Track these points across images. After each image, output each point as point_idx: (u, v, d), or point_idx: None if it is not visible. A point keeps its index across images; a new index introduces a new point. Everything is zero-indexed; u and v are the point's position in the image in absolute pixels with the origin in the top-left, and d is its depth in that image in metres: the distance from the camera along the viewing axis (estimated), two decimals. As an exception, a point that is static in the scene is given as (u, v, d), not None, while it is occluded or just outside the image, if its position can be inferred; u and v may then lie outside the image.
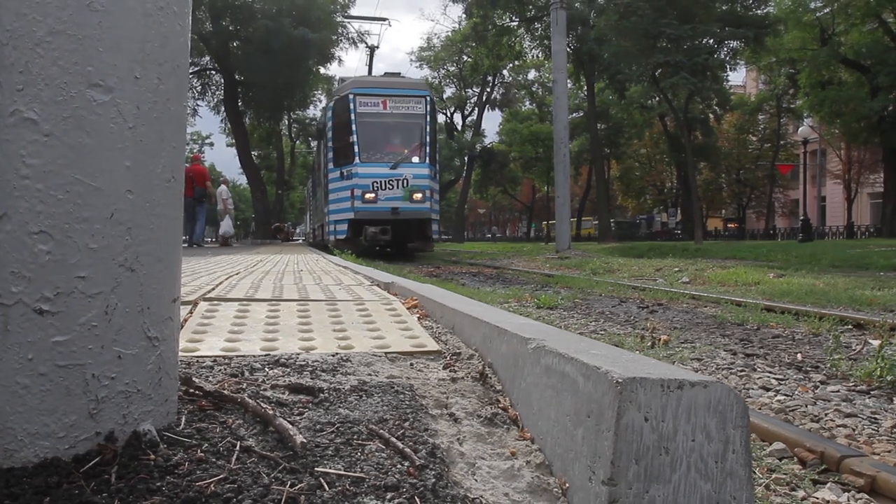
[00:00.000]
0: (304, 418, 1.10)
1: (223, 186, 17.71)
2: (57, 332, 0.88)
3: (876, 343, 4.56)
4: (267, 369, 1.36)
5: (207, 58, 29.88)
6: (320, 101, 37.10)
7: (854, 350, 4.44)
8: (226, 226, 17.33)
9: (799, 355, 4.23)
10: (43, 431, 0.89)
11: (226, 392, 1.12)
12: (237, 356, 1.46)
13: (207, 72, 31.52)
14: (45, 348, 0.88)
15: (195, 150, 50.39)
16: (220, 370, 1.33)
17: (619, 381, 0.95)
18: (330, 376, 1.33)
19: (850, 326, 5.45)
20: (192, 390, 1.15)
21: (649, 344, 4.47)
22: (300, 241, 36.15)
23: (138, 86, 0.93)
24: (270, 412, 1.05)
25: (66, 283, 0.88)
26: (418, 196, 14.14)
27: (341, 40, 28.18)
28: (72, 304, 0.89)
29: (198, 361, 1.39)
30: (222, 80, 30.14)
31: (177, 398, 1.07)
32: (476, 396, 1.33)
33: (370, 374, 1.37)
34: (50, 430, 0.89)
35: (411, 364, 1.50)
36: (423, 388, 1.33)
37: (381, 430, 1.07)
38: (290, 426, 1.02)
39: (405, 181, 14.06)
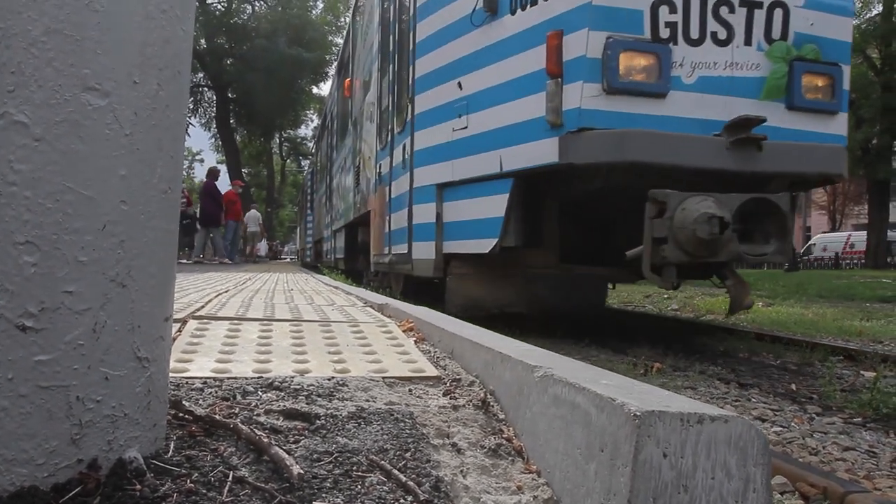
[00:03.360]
0: (300, 447, 1.04)
1: (254, 211, 20.44)
2: (40, 350, 0.82)
3: (869, 375, 4.54)
4: (260, 393, 1.30)
5: (201, 74, 29.93)
6: (312, 121, 37.20)
7: (847, 381, 4.41)
8: (263, 247, 18.73)
9: (793, 385, 4.20)
10: (20, 458, 0.82)
11: (217, 417, 1.06)
12: (229, 378, 1.40)
13: (200, 88, 31.55)
14: (27, 368, 0.81)
15: (196, 164, 50.26)
16: (210, 393, 1.27)
17: (637, 414, 0.90)
18: (326, 402, 1.27)
19: (841, 357, 5.44)
20: (181, 414, 1.08)
21: (641, 371, 4.43)
22: (288, 259, 35.97)
23: (137, 91, 0.88)
24: (265, 440, 0.99)
25: (52, 297, 0.82)
26: None
27: (334, 59, 28.32)
28: (57, 321, 0.83)
29: (187, 383, 1.33)
30: (215, 97, 30.17)
31: (166, 423, 1.00)
32: (478, 425, 1.27)
33: (368, 400, 1.31)
34: (28, 456, 0.82)
35: (410, 390, 1.44)
36: (424, 415, 1.27)
37: (382, 461, 1.01)
38: (287, 455, 0.95)
39: None
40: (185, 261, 14.13)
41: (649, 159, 4.23)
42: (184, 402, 1.09)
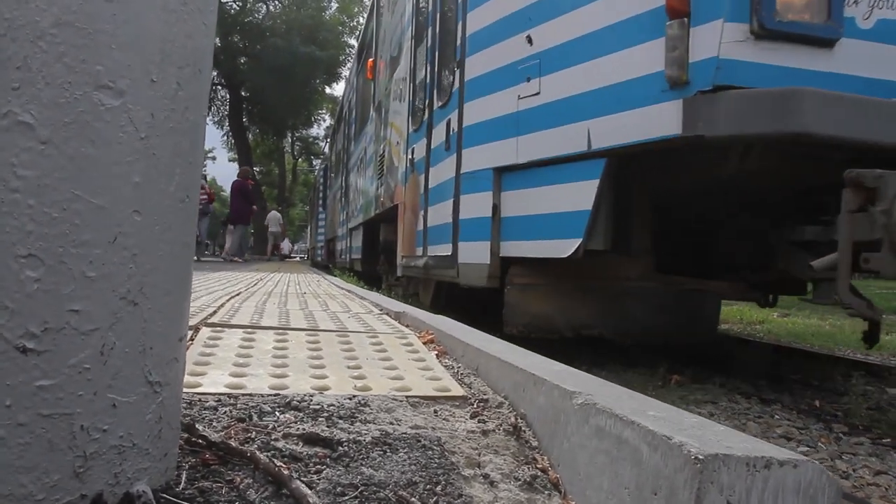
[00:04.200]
0: (322, 478, 0.96)
1: (275, 212, 21.23)
2: (42, 374, 0.74)
3: (893, 392, 4.42)
4: (277, 413, 1.22)
5: (215, 72, 30.00)
6: (325, 121, 37.26)
7: (872, 399, 4.29)
8: (286, 246, 19.08)
9: (817, 402, 4.09)
10: (18, 493, 0.74)
11: (233, 444, 0.98)
12: (244, 394, 1.32)
13: (214, 86, 31.64)
14: (28, 394, 0.74)
15: (209, 162, 50.55)
16: (225, 412, 1.19)
17: (700, 457, 0.81)
18: (348, 424, 1.19)
19: (862, 372, 5.31)
20: (194, 439, 1.00)
21: (659, 383, 4.32)
22: (297, 259, 36.02)
23: (154, 90, 0.80)
24: (286, 472, 0.91)
25: (56, 317, 0.75)
26: None
27: (349, 60, 28.29)
28: (62, 343, 0.75)
29: (200, 401, 1.25)
30: (228, 95, 30.24)
31: (177, 451, 0.92)
32: (511, 454, 1.18)
33: (392, 423, 1.22)
34: (27, 491, 0.75)
35: (435, 411, 1.35)
36: (452, 441, 1.18)
37: (412, 498, 0.92)
38: (309, 491, 0.87)
39: None
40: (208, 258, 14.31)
41: (838, 132, 2.93)
42: (197, 426, 1.01)
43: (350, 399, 1.33)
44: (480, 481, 1.07)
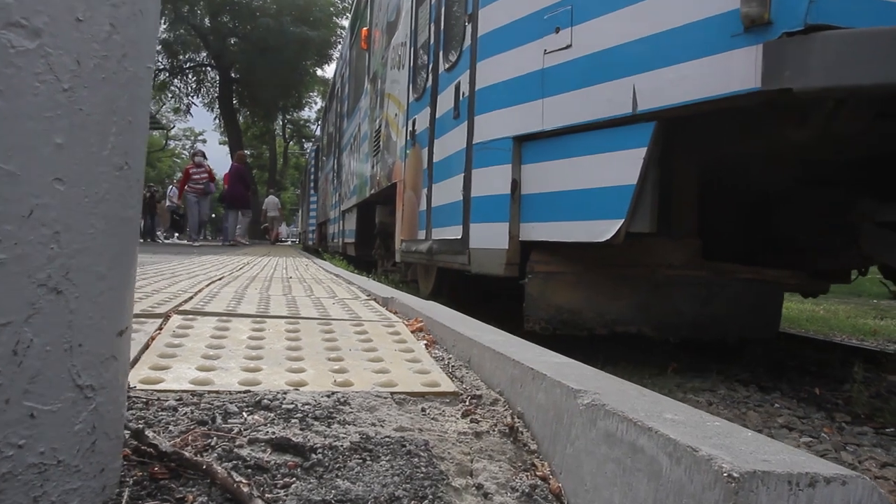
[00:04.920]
0: (290, 493, 0.83)
1: (273, 197, 21.62)
2: (-61, 378, 0.60)
3: (893, 378, 4.34)
4: (245, 414, 1.08)
5: (204, 53, 29.57)
6: (316, 103, 36.88)
7: (872, 387, 4.21)
8: (285, 230, 19.27)
9: (816, 389, 3.99)
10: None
11: (187, 455, 0.84)
12: (210, 392, 1.18)
13: (204, 68, 31.19)
14: (-79, 402, 0.60)
15: (193, 147, 50.18)
16: (185, 413, 1.05)
17: (735, 475, 0.68)
18: (324, 426, 1.06)
19: (860, 358, 5.24)
20: (144, 448, 0.87)
21: (656, 371, 4.22)
22: (289, 242, 35.79)
23: (80, 32, 0.66)
24: (245, 489, 0.78)
25: (-45, 308, 0.61)
26: None
27: (340, 41, 27.95)
28: (-36, 340, 0.61)
29: (159, 400, 1.11)
30: (218, 77, 29.82)
31: (120, 464, 0.79)
32: (507, 459, 1.06)
33: (374, 425, 1.09)
34: (-77, 520, 0.61)
35: (423, 409, 1.22)
36: (441, 445, 1.05)
37: (395, 518, 0.79)
38: (272, 511, 0.74)
39: None
40: (194, 242, 14.31)
41: None
42: (147, 433, 0.88)
43: (328, 396, 1.19)
44: (473, 493, 0.94)
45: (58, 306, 0.67)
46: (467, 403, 1.28)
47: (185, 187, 14.61)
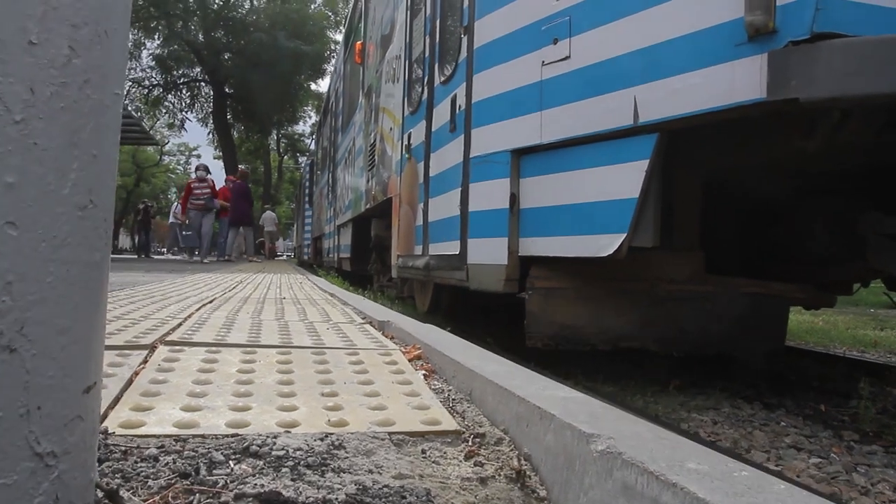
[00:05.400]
0: (279, 562, 0.75)
1: (270, 212, 22.15)
2: None
3: (899, 394, 4.27)
4: (232, 463, 1.00)
5: (198, 69, 29.56)
6: (310, 118, 36.91)
7: (879, 403, 4.14)
8: (282, 245, 19.65)
9: (822, 406, 3.92)
10: None
11: (164, 521, 0.76)
12: (194, 436, 1.10)
13: (198, 83, 31.18)
14: None
15: (193, 160, 50.16)
16: (167, 464, 0.97)
17: (779, 548, 0.60)
18: (317, 476, 0.98)
19: (862, 372, 5.17)
20: (116, 510, 0.78)
21: (658, 388, 4.14)
22: (284, 257, 35.68)
23: (34, 56, 0.58)
24: (228, 562, 0.69)
25: None
26: None
27: (334, 56, 28.02)
28: None
29: (139, 448, 1.03)
30: (212, 92, 29.82)
31: (86, 536, 0.71)
32: (515, 509, 0.98)
33: (372, 472, 1.01)
34: None
35: (423, 451, 1.14)
36: (444, 494, 0.97)
37: (395, 592, 0.71)
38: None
39: None
40: (196, 258, 14.15)
41: None
42: (122, 493, 0.80)
43: (322, 439, 1.11)
44: (480, 551, 0.86)
45: (11, 367, 0.59)
46: (470, 443, 1.20)
47: (188, 202, 14.35)
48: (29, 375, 0.60)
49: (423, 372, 1.65)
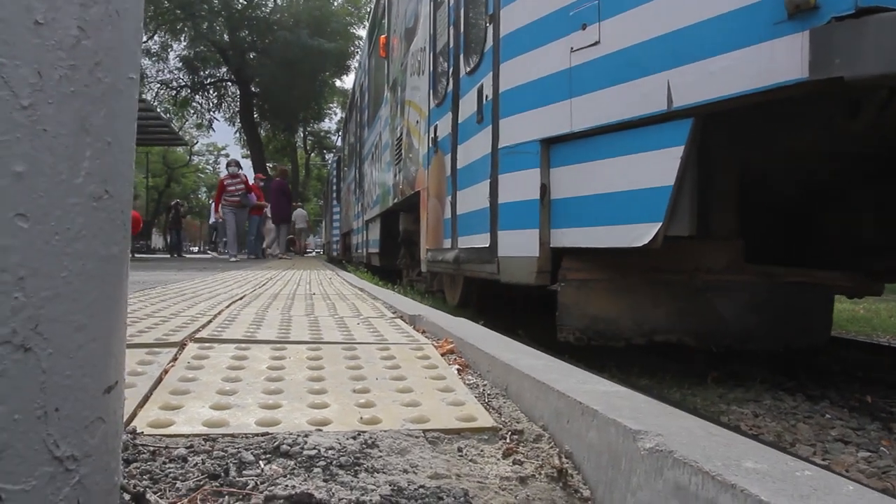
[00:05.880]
0: (312, 569, 0.71)
1: (301, 209, 22.75)
2: None
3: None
4: (262, 463, 0.97)
5: (224, 69, 29.86)
6: (335, 114, 37.08)
7: (926, 392, 3.98)
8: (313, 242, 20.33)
9: (868, 397, 3.79)
10: None
11: (191, 526, 0.73)
12: (224, 435, 1.07)
13: (224, 83, 31.51)
14: None
15: (221, 159, 50.71)
16: (196, 465, 0.94)
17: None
18: (350, 476, 0.94)
19: (907, 361, 5.00)
20: (143, 515, 0.75)
21: (695, 380, 4.04)
22: (313, 253, 35.98)
23: (40, 37, 0.55)
24: (258, 570, 0.66)
25: None
26: None
27: (357, 51, 28.05)
28: None
29: (167, 448, 1.00)
30: (238, 92, 30.12)
31: (111, 543, 0.67)
32: (558, 510, 0.93)
33: (406, 472, 0.97)
34: None
35: (459, 449, 1.10)
36: (483, 495, 0.93)
37: None
38: None
39: None
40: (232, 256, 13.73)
41: None
42: (148, 496, 0.76)
43: (354, 438, 1.07)
44: (523, 556, 0.81)
45: (26, 366, 0.56)
46: (508, 440, 1.15)
47: (221, 200, 13.80)
48: (45, 375, 0.57)
49: (457, 366, 1.60)
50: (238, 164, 14.35)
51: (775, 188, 3.87)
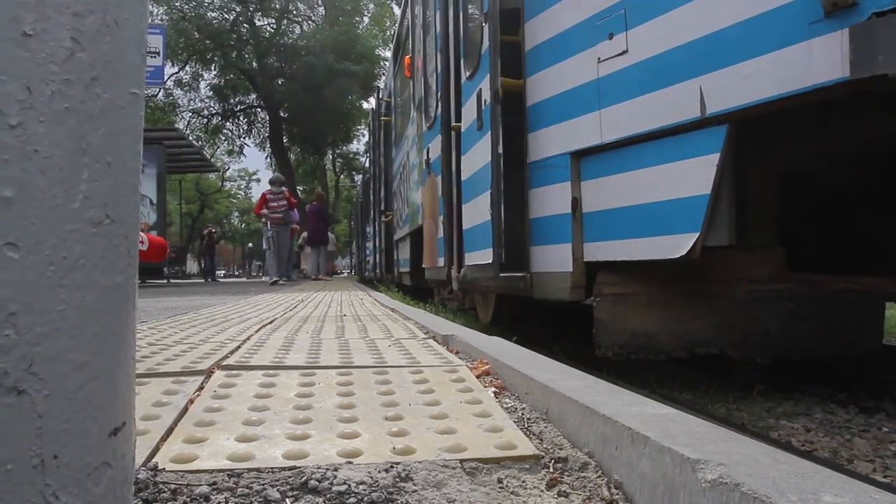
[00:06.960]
0: None
1: (329, 233, 23.42)
2: None
3: None
4: (288, 501, 0.91)
5: (253, 95, 30.40)
6: (363, 136, 37.43)
7: None
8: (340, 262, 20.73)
9: (927, 410, 3.59)
10: None
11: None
12: (249, 470, 1.01)
13: (254, 109, 32.06)
14: None
15: (253, 185, 51.44)
16: (218, 504, 0.88)
17: None
18: (383, 515, 0.87)
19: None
20: (159, 565, 0.70)
21: (739, 394, 3.89)
22: (344, 274, 36.19)
23: (29, 50, 0.50)
24: None
25: None
26: None
27: (383, 73, 28.34)
28: None
29: (189, 486, 0.94)
30: (268, 117, 30.62)
31: None
32: (610, 548, 0.85)
33: (443, 509, 0.90)
34: None
35: (499, 480, 1.02)
36: (527, 533, 0.85)
37: None
38: None
39: None
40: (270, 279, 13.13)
41: None
42: (164, 544, 0.71)
43: (387, 471, 1.01)
44: None
45: (20, 411, 0.50)
46: (551, 469, 1.07)
47: (262, 214, 13.09)
48: (41, 420, 0.52)
49: (493, 389, 1.53)
50: (282, 182, 13.84)
51: (816, 193, 3.75)
